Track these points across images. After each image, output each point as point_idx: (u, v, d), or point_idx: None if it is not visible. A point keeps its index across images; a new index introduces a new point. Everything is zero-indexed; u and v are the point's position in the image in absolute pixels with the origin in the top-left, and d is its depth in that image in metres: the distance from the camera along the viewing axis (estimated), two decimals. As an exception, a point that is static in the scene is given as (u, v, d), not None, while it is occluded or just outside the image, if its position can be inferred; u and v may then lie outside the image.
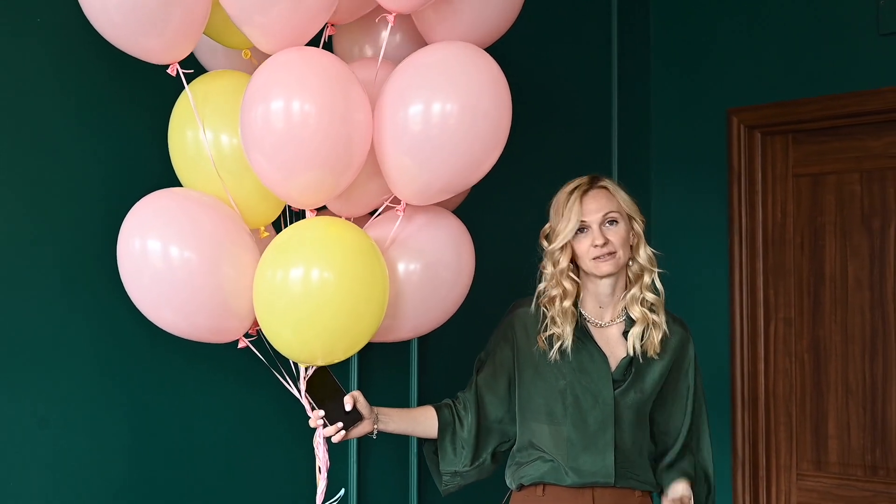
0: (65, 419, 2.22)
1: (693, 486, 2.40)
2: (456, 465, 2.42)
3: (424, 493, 2.99)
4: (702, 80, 3.97)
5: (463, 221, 2.45)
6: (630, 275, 2.37)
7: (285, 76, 2.00)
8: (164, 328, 2.12)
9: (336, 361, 2.15)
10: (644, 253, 2.36)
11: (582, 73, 3.77)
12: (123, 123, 2.33)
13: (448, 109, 2.08)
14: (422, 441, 2.49)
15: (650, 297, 2.35)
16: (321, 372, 2.18)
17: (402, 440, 2.94)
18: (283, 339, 2.09)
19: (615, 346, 2.38)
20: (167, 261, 2.02)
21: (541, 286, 2.39)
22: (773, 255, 3.84)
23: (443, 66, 2.12)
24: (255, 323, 2.15)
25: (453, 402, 2.45)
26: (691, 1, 4.01)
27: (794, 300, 3.79)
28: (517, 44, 3.33)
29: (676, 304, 2.45)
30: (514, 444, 2.44)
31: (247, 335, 2.17)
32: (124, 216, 2.14)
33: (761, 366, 3.83)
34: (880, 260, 3.60)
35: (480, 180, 2.27)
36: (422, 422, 2.42)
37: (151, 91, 2.22)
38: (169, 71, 2.05)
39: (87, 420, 2.26)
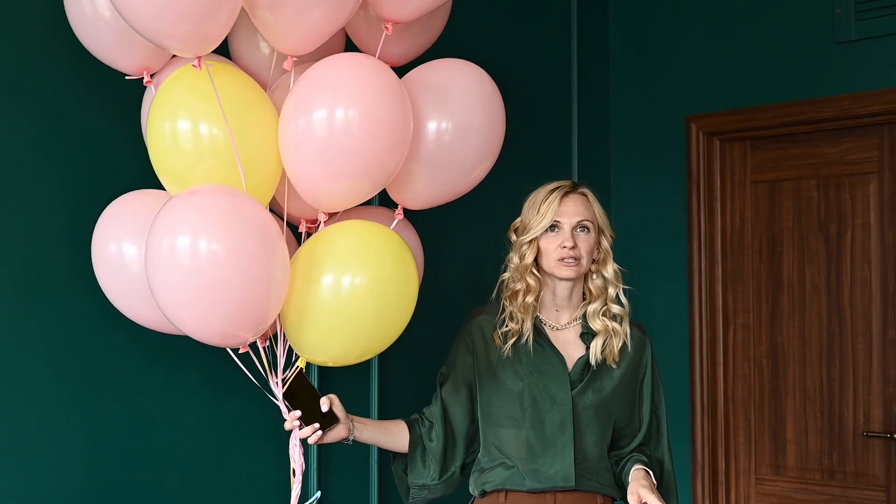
0: (26, 420, 2.17)
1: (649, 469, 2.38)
2: (424, 479, 2.42)
3: (385, 500, 2.97)
4: (661, 88, 4.00)
5: (420, 228, 2.45)
6: (592, 288, 2.39)
7: (342, 82, 2.00)
8: (185, 330, 1.99)
9: (349, 364, 2.18)
10: (611, 268, 2.39)
11: (542, 79, 3.77)
12: (84, 123, 2.28)
13: (444, 126, 2.18)
14: (392, 457, 2.48)
15: (616, 308, 2.38)
16: (299, 376, 2.15)
17: (362, 450, 2.92)
18: (307, 340, 2.09)
19: (572, 348, 2.39)
20: (207, 260, 1.88)
21: (504, 275, 2.41)
22: (731, 260, 3.87)
23: (445, 85, 2.20)
24: None
25: (421, 416, 2.45)
26: (650, 9, 4.05)
27: (752, 305, 3.82)
28: (475, 49, 3.34)
29: (636, 310, 2.45)
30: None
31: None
32: (86, 216, 2.09)
33: (720, 371, 3.86)
34: (837, 265, 3.64)
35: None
36: (395, 433, 2.41)
37: (113, 88, 2.18)
38: (195, 65, 1.95)
39: (52, 422, 2.21)
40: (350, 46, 2.34)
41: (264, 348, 2.15)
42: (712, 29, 3.87)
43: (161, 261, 1.87)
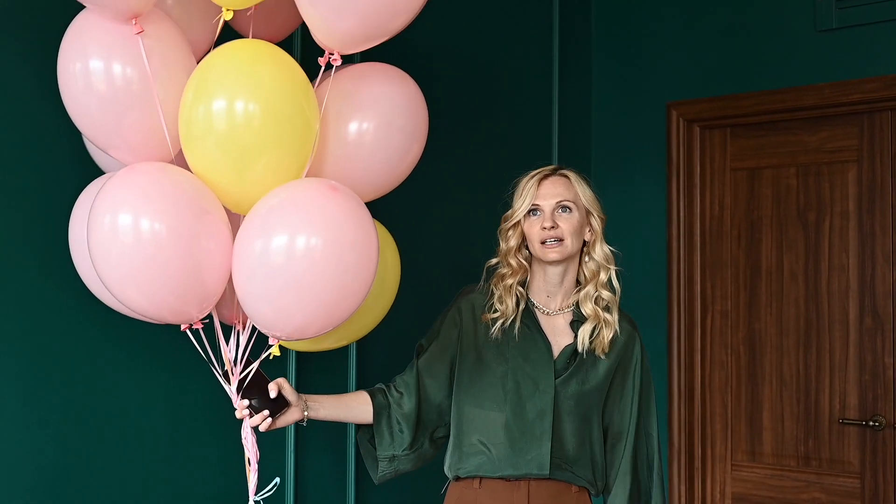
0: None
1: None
2: (394, 450, 2.36)
3: (361, 484, 2.96)
4: (642, 74, 4.00)
5: (401, 215, 2.42)
6: (585, 272, 2.36)
7: (386, 101, 2.13)
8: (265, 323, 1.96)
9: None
10: (601, 250, 2.35)
11: (523, 65, 3.76)
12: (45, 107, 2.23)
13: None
14: (357, 428, 2.43)
15: (606, 295, 2.33)
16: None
17: (339, 431, 2.90)
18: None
19: (561, 335, 2.36)
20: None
21: (492, 260, 2.40)
22: (710, 247, 3.88)
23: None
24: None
25: (388, 385, 2.39)
26: (632, -5, 4.04)
27: (730, 293, 3.83)
28: (458, 36, 3.32)
29: (617, 295, 2.44)
30: (450, 430, 2.40)
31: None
32: (58, 205, 2.06)
33: (698, 357, 3.87)
34: (815, 253, 3.66)
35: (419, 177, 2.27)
36: (354, 407, 2.35)
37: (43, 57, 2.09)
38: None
39: (11, 416, 2.17)
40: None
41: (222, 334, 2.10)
42: (694, 16, 3.86)
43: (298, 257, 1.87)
